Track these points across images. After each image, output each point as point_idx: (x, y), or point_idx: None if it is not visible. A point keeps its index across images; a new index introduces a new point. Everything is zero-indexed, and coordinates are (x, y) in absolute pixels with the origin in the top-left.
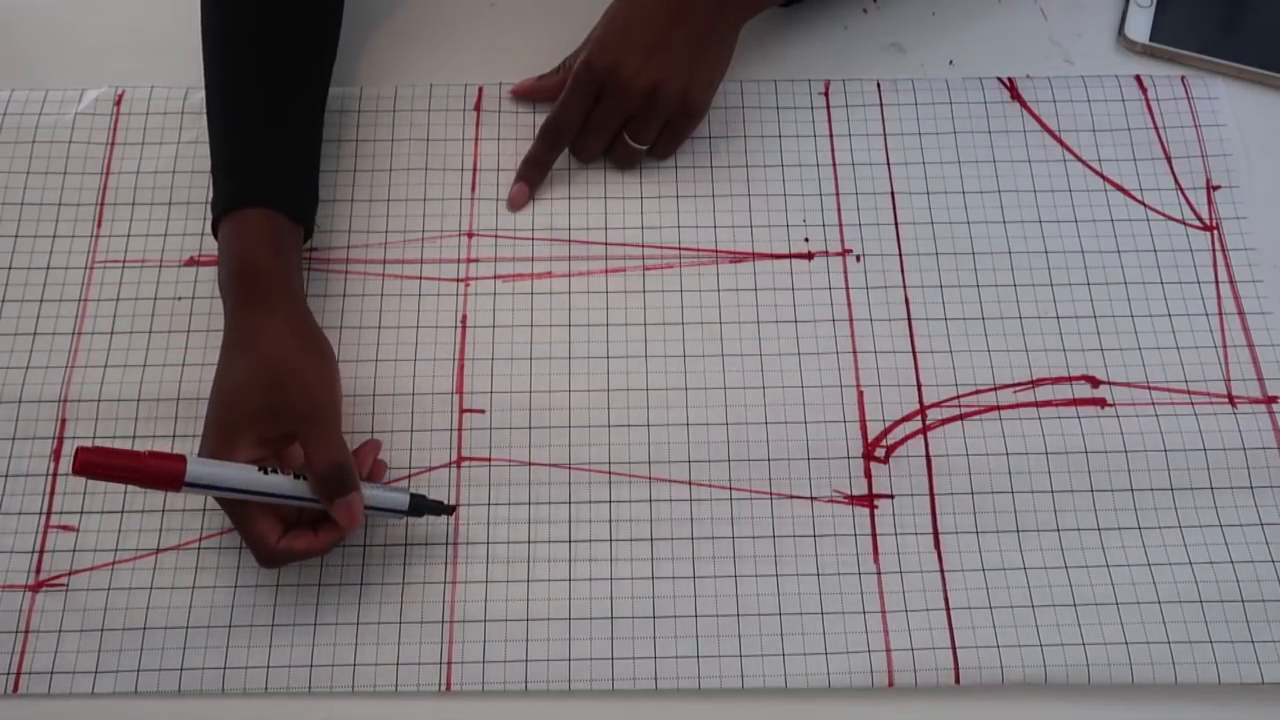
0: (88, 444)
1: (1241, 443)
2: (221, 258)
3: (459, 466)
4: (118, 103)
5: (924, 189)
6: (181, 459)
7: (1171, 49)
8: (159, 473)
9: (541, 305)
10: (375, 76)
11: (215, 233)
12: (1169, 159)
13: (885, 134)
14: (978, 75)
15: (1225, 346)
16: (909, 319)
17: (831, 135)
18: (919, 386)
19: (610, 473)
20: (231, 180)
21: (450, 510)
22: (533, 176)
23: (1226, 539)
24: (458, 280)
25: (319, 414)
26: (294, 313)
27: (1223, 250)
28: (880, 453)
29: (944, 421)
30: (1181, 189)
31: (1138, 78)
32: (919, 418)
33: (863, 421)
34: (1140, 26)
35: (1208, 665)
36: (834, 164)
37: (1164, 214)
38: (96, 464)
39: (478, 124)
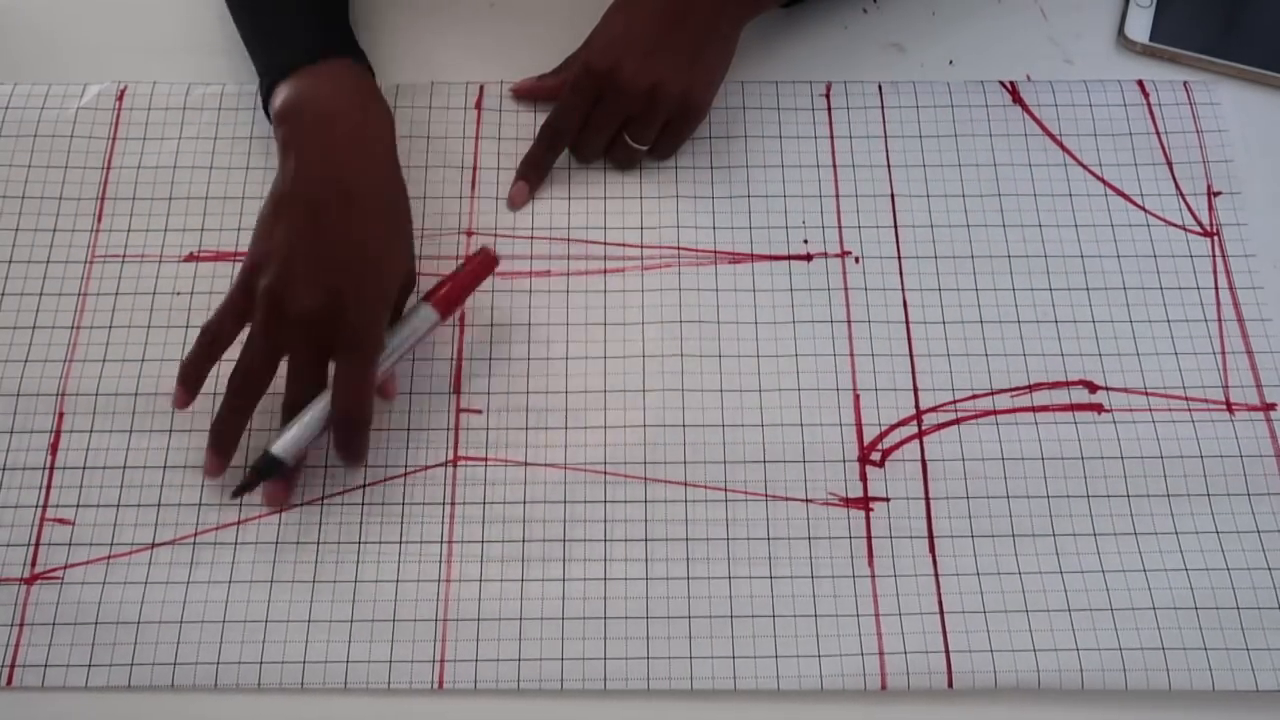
0: (83, 438)
1: (1239, 450)
2: (305, 108)
3: (455, 466)
4: (120, 98)
5: (924, 192)
6: None
7: (1171, 49)
8: None
9: (540, 304)
10: (376, 75)
11: (270, 97)
12: (1170, 164)
13: (886, 136)
14: (978, 75)
15: (1224, 353)
16: (907, 322)
17: (832, 137)
18: (915, 390)
19: (606, 473)
20: (308, 33)
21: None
22: (532, 176)
23: (1223, 546)
24: None
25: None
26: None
27: (1223, 256)
28: (876, 456)
29: (940, 426)
30: (1182, 194)
31: (1140, 82)
32: (915, 422)
33: (858, 425)
34: (1140, 27)
35: (1202, 672)
36: (834, 165)
37: (1164, 219)
38: None
39: (478, 122)
